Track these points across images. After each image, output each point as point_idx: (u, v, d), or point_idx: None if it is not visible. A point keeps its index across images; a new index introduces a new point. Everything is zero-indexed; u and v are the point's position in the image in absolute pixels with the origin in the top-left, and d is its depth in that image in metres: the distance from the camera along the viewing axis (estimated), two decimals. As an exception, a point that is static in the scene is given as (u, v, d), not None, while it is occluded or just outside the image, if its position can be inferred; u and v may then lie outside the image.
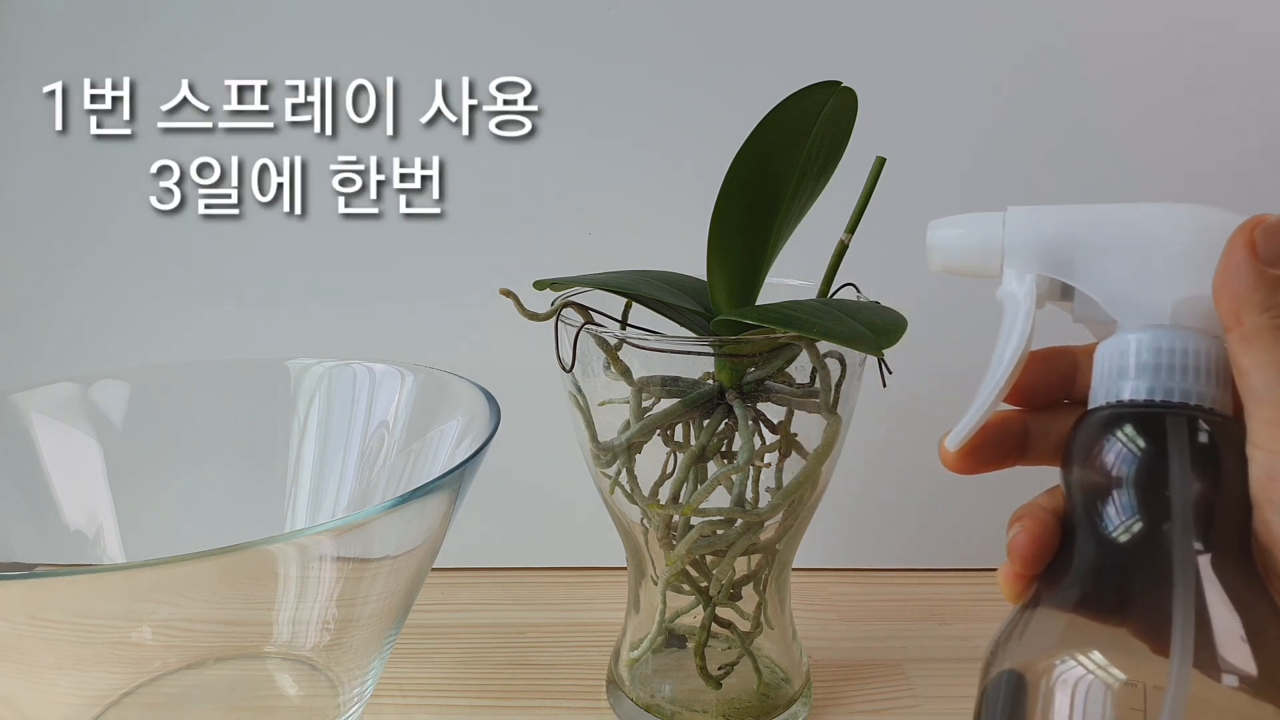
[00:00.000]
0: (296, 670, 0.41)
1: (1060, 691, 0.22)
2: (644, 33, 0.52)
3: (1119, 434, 0.23)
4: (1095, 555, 0.23)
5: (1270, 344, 0.22)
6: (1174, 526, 0.22)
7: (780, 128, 0.35)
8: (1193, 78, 0.52)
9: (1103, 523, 0.23)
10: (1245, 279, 0.23)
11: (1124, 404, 0.24)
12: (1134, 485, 0.23)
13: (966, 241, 0.27)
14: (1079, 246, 0.25)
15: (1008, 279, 0.26)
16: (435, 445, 0.44)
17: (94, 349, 0.57)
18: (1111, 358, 0.24)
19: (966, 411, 0.26)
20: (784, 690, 0.42)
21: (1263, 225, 0.23)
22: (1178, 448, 0.23)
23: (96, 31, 0.53)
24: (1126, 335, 0.24)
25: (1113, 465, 0.23)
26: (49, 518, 0.44)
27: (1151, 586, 0.22)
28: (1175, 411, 0.23)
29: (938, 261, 0.28)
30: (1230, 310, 0.23)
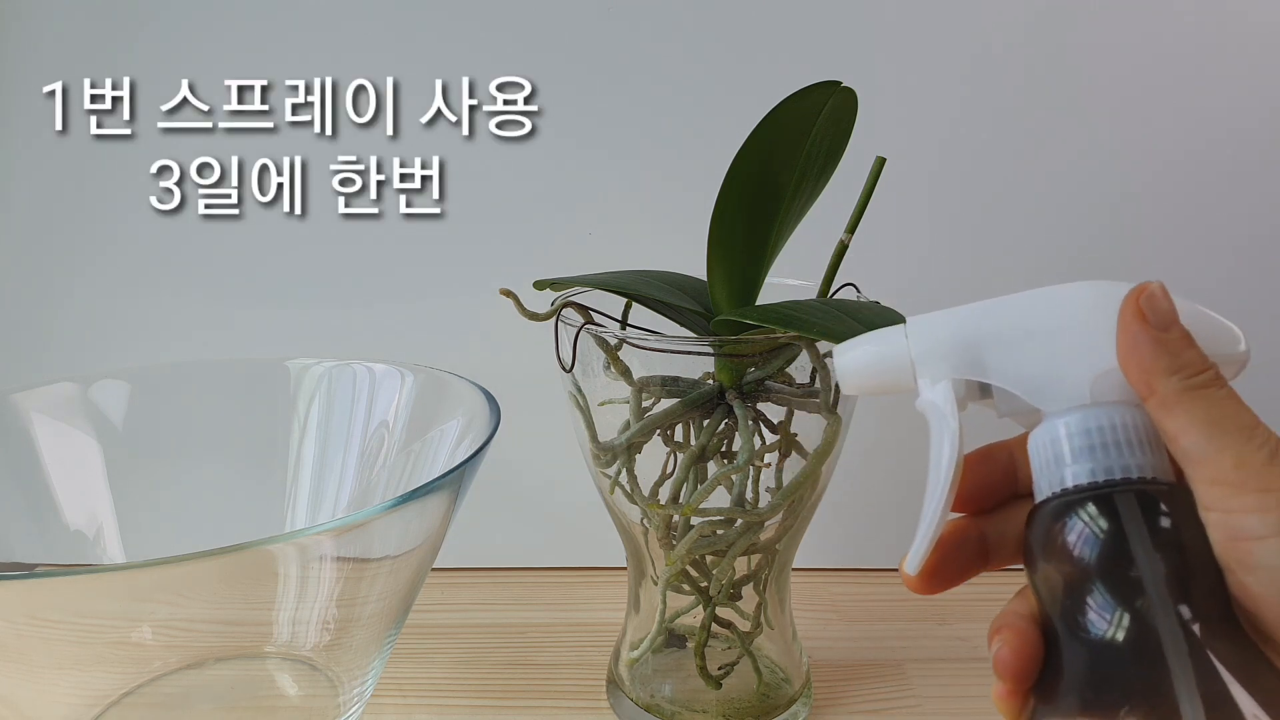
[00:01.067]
0: (296, 670, 0.41)
1: None
2: (644, 33, 0.52)
3: (1072, 522, 0.23)
4: (1083, 657, 0.22)
5: (1188, 406, 0.23)
6: (1153, 606, 0.22)
7: (780, 128, 0.35)
8: (1193, 71, 0.52)
9: (1083, 620, 0.23)
10: (1145, 349, 0.23)
11: (1069, 491, 0.23)
12: (1101, 573, 0.22)
13: (874, 359, 0.27)
14: (985, 344, 0.25)
15: (924, 389, 0.26)
16: (435, 445, 0.44)
17: (94, 349, 0.57)
18: (1045, 447, 0.24)
19: (916, 533, 0.25)
20: (784, 690, 0.42)
21: (1145, 294, 0.24)
22: (1134, 524, 0.22)
23: (96, 31, 0.53)
24: (1054, 421, 0.24)
25: (1074, 556, 0.23)
26: (49, 518, 0.44)
27: (1149, 674, 0.21)
28: (1121, 488, 0.23)
29: (851, 384, 0.27)
30: (1141, 381, 0.23)
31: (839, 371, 0.27)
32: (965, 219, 0.54)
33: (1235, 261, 0.54)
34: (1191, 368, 0.23)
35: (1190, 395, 0.23)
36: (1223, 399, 0.23)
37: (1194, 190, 0.53)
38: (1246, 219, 0.54)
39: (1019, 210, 0.53)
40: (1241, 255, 0.54)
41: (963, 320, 0.26)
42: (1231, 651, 0.21)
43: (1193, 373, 0.23)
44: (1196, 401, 0.23)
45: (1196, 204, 0.53)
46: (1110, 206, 0.53)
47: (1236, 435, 0.22)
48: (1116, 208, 0.54)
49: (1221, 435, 0.22)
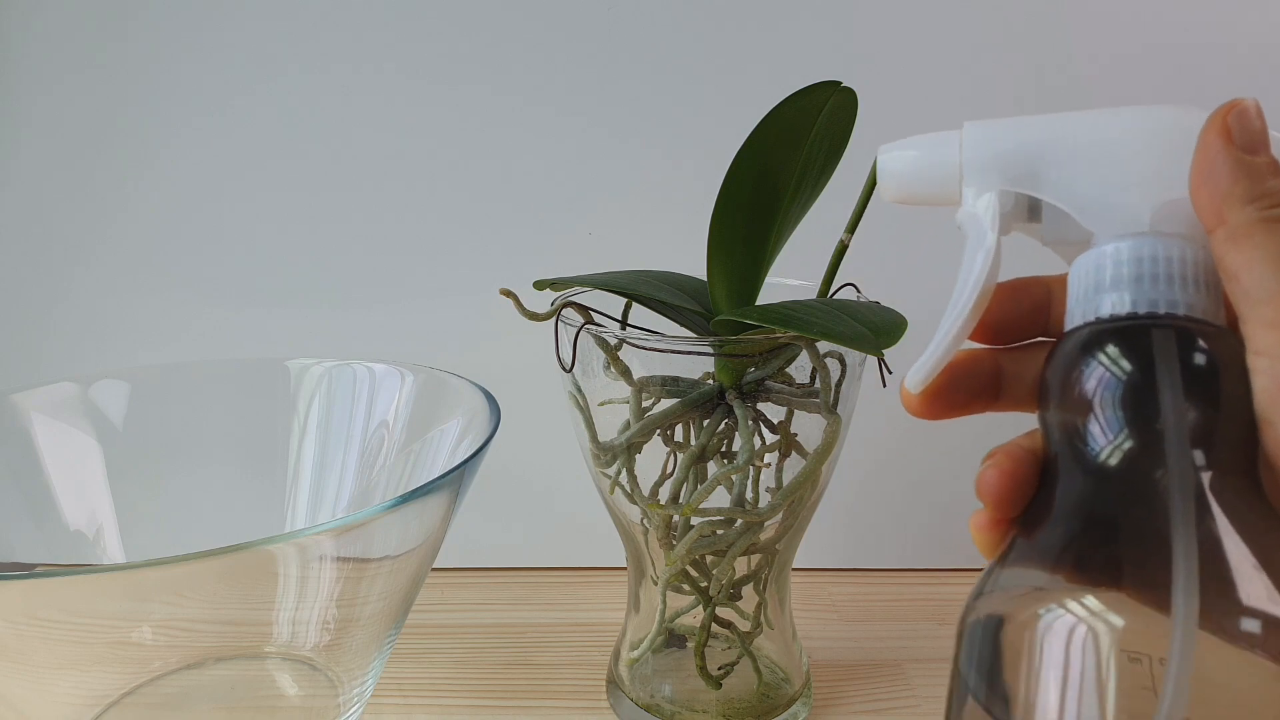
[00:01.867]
0: (296, 670, 0.41)
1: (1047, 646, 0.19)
2: (644, 33, 0.52)
3: (1100, 353, 0.21)
4: (1080, 490, 0.21)
5: (1261, 239, 0.20)
6: (1169, 450, 0.19)
7: (780, 128, 0.35)
8: (1193, 71, 0.52)
9: (1087, 453, 0.20)
10: (1224, 171, 0.20)
11: (1104, 320, 0.21)
12: (1121, 407, 0.20)
13: (921, 164, 0.24)
14: (1044, 157, 0.23)
15: (967, 200, 0.24)
16: (435, 445, 0.44)
17: (94, 349, 0.57)
18: (1088, 273, 0.22)
19: (926, 350, 0.23)
20: (784, 690, 0.42)
21: (1236, 109, 0.21)
22: (1167, 362, 0.20)
23: (96, 31, 0.53)
24: (1103, 246, 0.22)
25: (1095, 389, 0.20)
26: (49, 518, 0.44)
27: (1144, 520, 0.19)
28: (1162, 323, 0.20)
29: (892, 189, 0.25)
30: (1211, 208, 0.21)
31: (881, 172, 0.25)
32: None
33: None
34: (1272, 198, 0.20)
35: (1264, 227, 0.20)
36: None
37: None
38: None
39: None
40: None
41: (1024, 129, 0.23)
42: (1246, 509, 0.19)
43: (1273, 203, 0.20)
44: (1271, 235, 0.20)
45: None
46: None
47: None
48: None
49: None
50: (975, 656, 0.21)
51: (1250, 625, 0.18)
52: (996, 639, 0.21)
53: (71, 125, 0.54)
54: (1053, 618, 0.19)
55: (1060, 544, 0.21)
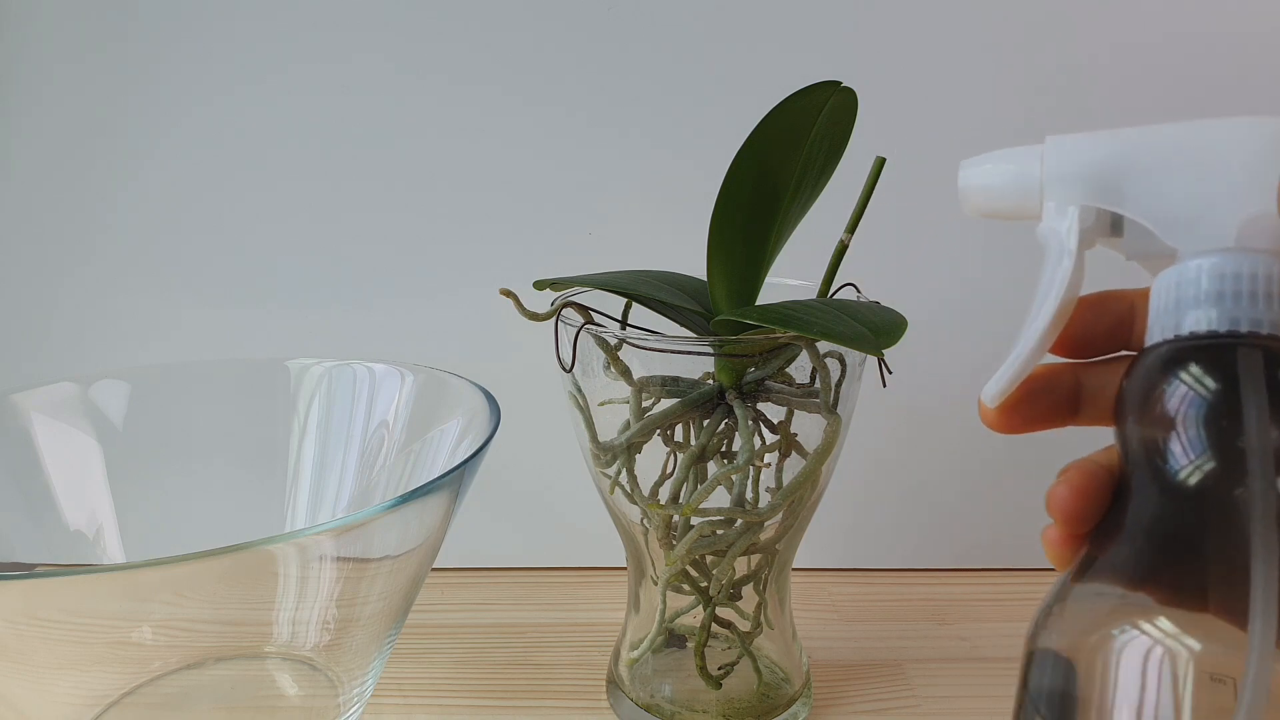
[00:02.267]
0: (296, 670, 0.41)
1: (1122, 666, 0.19)
2: (644, 33, 0.52)
3: (1182, 371, 0.20)
4: (1156, 509, 0.20)
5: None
6: (1251, 471, 0.19)
7: (780, 128, 0.35)
8: (1194, 71, 0.52)
9: (1167, 471, 0.20)
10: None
11: (1186, 338, 0.21)
12: (1202, 427, 0.20)
13: (1002, 179, 0.24)
14: (1127, 171, 0.23)
15: (1048, 214, 0.23)
16: (435, 445, 0.44)
17: (94, 349, 0.57)
18: (1170, 288, 0.21)
19: (1004, 364, 0.23)
20: (784, 690, 0.42)
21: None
22: (1252, 382, 0.19)
23: (94, 28, 0.53)
24: (1187, 262, 0.21)
25: (1175, 407, 0.20)
26: (49, 518, 0.44)
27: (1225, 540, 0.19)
28: (1246, 342, 0.20)
29: (972, 204, 0.25)
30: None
31: (963, 187, 0.25)
32: (965, 219, 0.54)
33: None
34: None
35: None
36: None
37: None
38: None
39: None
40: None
41: (1107, 144, 0.23)
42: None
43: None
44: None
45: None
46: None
47: None
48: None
49: None
50: (1047, 675, 0.21)
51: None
52: (1069, 658, 0.20)
53: (70, 123, 0.54)
54: (1129, 637, 0.19)
55: (1136, 561, 0.20)
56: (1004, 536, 0.56)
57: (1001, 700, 0.45)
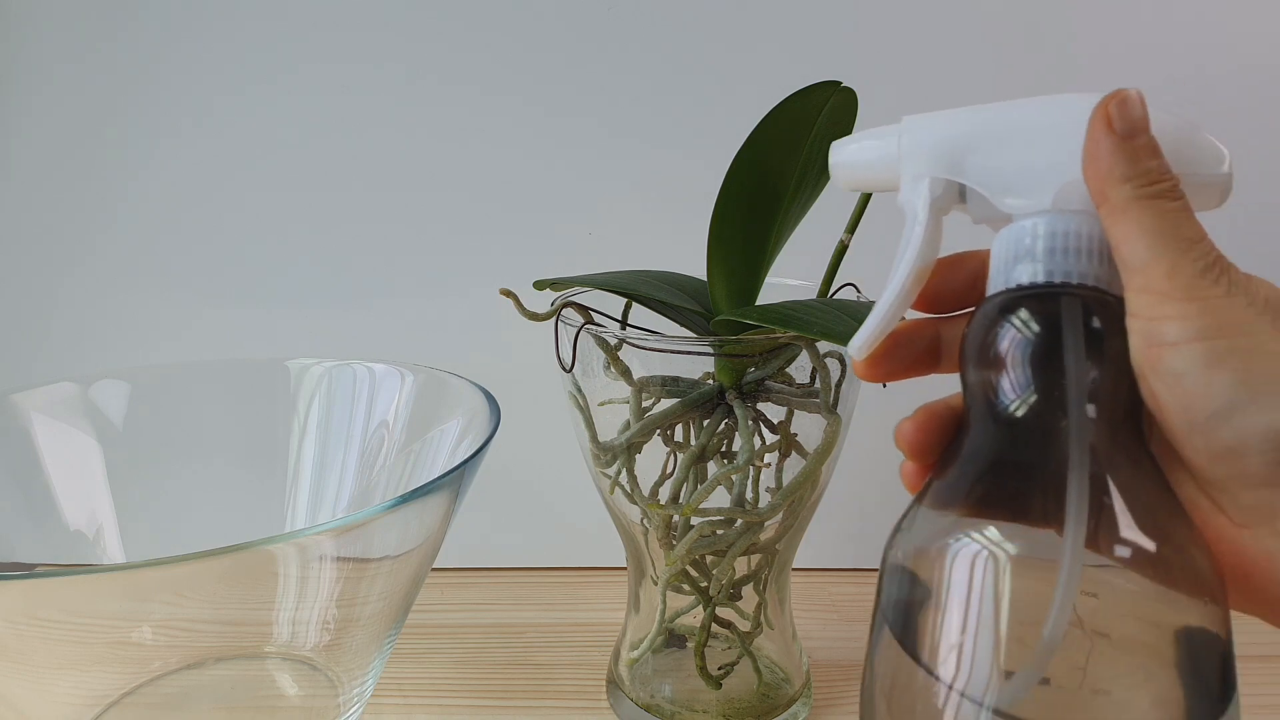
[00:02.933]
0: (296, 670, 0.41)
1: (954, 571, 0.21)
2: (644, 33, 0.52)
3: (1014, 316, 0.23)
4: (990, 437, 0.23)
5: (1136, 214, 0.22)
6: (1070, 402, 0.22)
7: (780, 128, 0.35)
8: (1194, 71, 0.52)
9: (997, 404, 0.23)
10: (1105, 154, 0.23)
11: (1014, 289, 0.24)
12: (1028, 365, 0.23)
13: (866, 156, 0.27)
14: (969, 146, 0.26)
15: (905, 186, 0.26)
16: (435, 445, 0.44)
17: (94, 349, 0.57)
18: (1006, 246, 0.24)
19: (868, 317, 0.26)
20: (784, 690, 0.42)
21: (1118, 99, 0.23)
22: (1072, 326, 0.22)
23: (94, 29, 0.53)
24: (1016, 224, 0.24)
25: (1007, 347, 0.23)
26: (49, 518, 0.44)
27: (1046, 461, 0.22)
28: (1068, 291, 0.23)
29: (844, 179, 0.28)
30: (1096, 188, 0.23)
31: (834, 164, 0.28)
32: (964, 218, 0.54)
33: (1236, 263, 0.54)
34: (1147, 176, 0.23)
35: (1139, 204, 0.22)
36: (1172, 210, 0.23)
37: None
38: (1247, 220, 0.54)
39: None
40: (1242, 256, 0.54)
41: (953, 121, 0.26)
42: (1131, 457, 0.22)
43: (1147, 181, 0.23)
44: (1144, 210, 0.22)
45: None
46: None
47: (1175, 246, 0.22)
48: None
49: (1161, 245, 0.22)
50: (892, 588, 0.23)
51: (1122, 551, 0.21)
52: (911, 569, 0.23)
53: (70, 123, 0.54)
54: (960, 545, 0.22)
55: (970, 482, 0.23)
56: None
57: None
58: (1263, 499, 0.21)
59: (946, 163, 0.26)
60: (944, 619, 0.21)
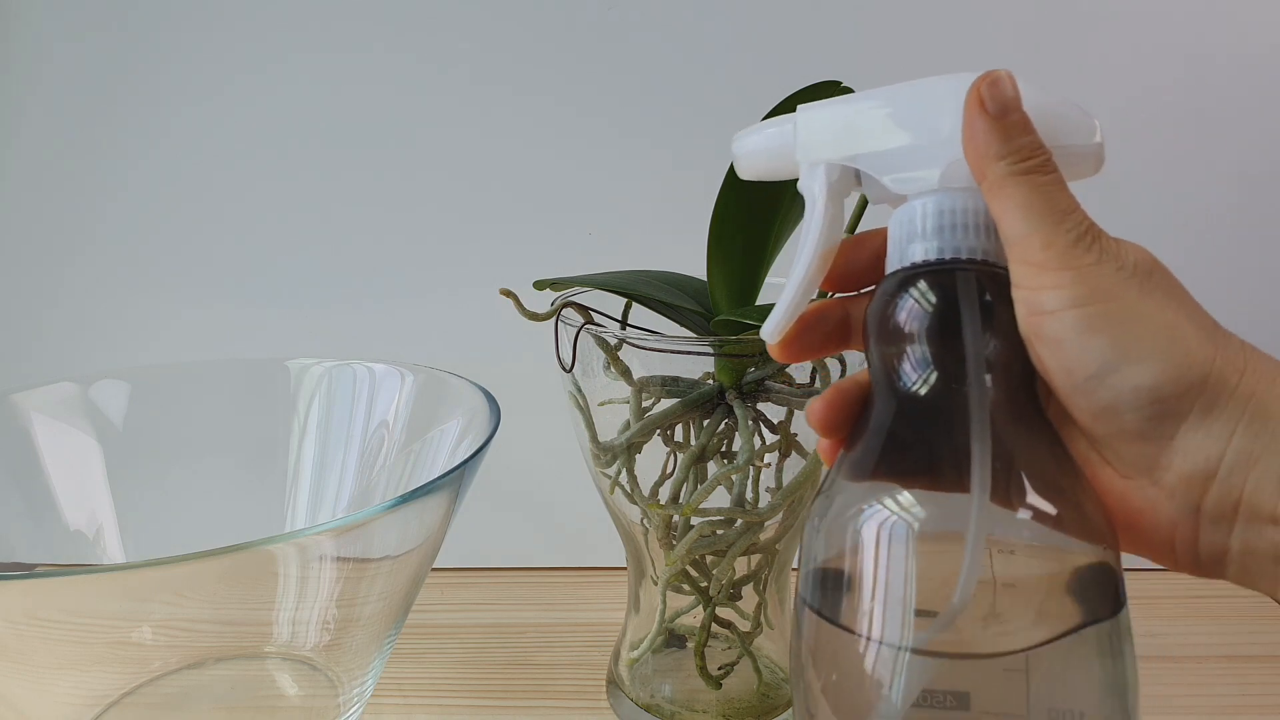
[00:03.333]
0: (296, 670, 0.41)
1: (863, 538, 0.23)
2: (644, 33, 0.52)
3: (908, 292, 0.24)
4: (895, 409, 0.24)
5: (1011, 190, 0.23)
6: (968, 371, 0.23)
7: (780, 128, 0.35)
8: (1194, 70, 0.52)
9: (899, 376, 0.24)
10: (980, 134, 0.24)
11: (909, 267, 0.25)
12: (925, 338, 0.24)
13: (765, 145, 0.28)
14: (859, 131, 0.26)
15: (803, 173, 0.27)
16: (435, 445, 0.44)
17: (94, 349, 0.57)
18: (900, 226, 0.25)
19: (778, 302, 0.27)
20: (784, 690, 0.42)
21: (988, 81, 0.24)
22: (964, 298, 0.23)
23: (90, 27, 0.53)
24: (909, 204, 0.25)
25: (906, 322, 0.24)
26: (49, 518, 0.44)
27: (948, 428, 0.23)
28: (960, 266, 0.24)
29: (745, 169, 0.28)
30: (975, 167, 0.24)
31: (735, 155, 0.28)
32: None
33: (1237, 262, 0.54)
34: (1021, 153, 0.23)
35: (1014, 180, 0.23)
36: (1045, 184, 0.23)
37: (1194, 188, 0.53)
38: (1246, 219, 0.54)
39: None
40: (1242, 256, 0.54)
41: (844, 108, 0.27)
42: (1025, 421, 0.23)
43: (1021, 158, 0.23)
44: (1019, 186, 0.23)
45: (1197, 201, 0.53)
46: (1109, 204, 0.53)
47: (1049, 218, 0.23)
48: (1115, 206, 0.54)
49: (1036, 218, 0.23)
50: (811, 557, 0.24)
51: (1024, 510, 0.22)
52: (825, 539, 0.24)
53: (69, 122, 0.54)
54: (870, 512, 0.23)
55: (876, 454, 0.24)
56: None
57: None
58: (1140, 452, 0.23)
59: (840, 149, 0.26)
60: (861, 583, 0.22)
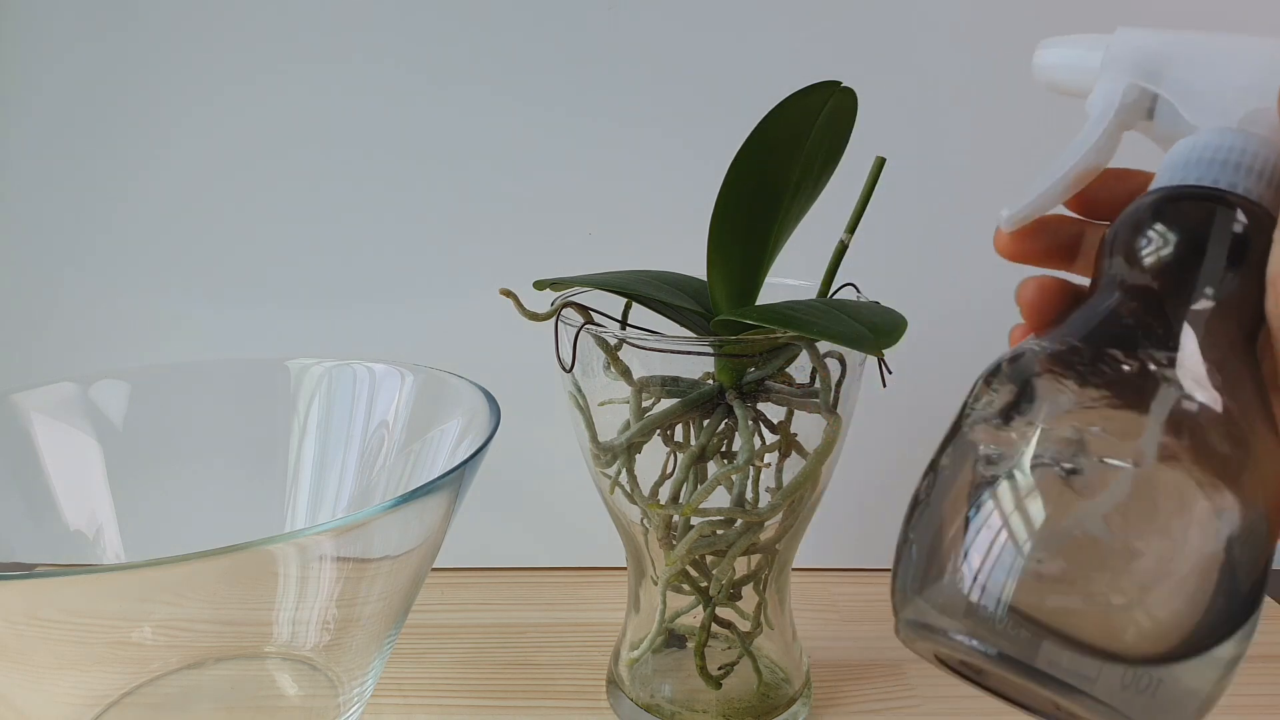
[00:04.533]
0: (296, 670, 0.41)
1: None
2: (644, 32, 0.52)
3: (1169, 208, 0.24)
4: (1108, 301, 0.24)
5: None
6: (1195, 293, 0.23)
7: (780, 128, 0.35)
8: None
9: (1129, 279, 0.24)
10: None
11: (1179, 186, 0.25)
12: (1173, 251, 0.24)
13: (1070, 59, 0.28)
14: (1171, 61, 0.26)
15: (1099, 88, 0.27)
16: (435, 445, 0.44)
17: (94, 349, 0.57)
18: (1179, 153, 0.25)
19: (1025, 195, 0.26)
20: (784, 690, 0.42)
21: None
22: (1221, 227, 0.24)
23: (91, 27, 0.53)
24: (1196, 135, 0.25)
25: (1155, 234, 0.24)
26: (49, 518, 0.44)
27: (1157, 331, 0.23)
28: (1226, 197, 0.24)
29: (1042, 78, 0.29)
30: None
31: (1036, 64, 0.29)
32: (965, 219, 0.54)
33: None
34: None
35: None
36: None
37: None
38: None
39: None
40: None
41: (1162, 39, 0.27)
42: (1234, 343, 0.23)
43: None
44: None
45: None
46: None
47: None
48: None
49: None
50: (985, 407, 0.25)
51: (1190, 406, 0.22)
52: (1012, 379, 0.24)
53: (70, 122, 0.54)
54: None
55: (1075, 336, 0.24)
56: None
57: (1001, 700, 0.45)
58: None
59: (1145, 71, 0.26)
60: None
